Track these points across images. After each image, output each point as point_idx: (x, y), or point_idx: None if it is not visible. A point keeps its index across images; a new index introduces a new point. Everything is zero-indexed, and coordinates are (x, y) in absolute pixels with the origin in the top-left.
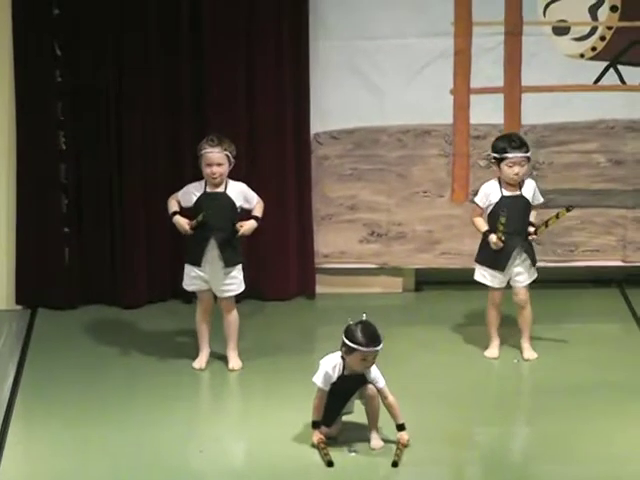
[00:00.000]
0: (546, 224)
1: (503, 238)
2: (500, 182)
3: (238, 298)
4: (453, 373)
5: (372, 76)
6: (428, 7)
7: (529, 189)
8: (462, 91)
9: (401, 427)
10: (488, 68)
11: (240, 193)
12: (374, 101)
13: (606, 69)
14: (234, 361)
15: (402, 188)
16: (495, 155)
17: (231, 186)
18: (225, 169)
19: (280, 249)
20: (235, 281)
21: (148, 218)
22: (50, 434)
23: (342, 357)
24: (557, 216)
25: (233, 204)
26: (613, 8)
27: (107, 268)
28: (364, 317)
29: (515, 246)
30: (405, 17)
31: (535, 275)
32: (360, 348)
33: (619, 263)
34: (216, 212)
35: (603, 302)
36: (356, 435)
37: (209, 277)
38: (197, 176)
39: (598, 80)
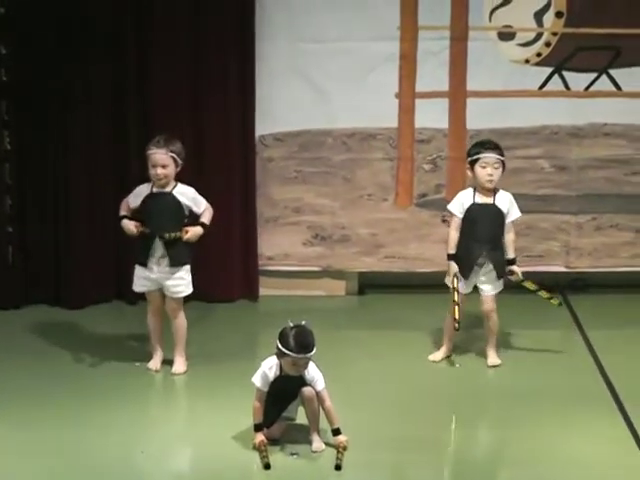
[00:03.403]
0: (532, 286)
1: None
2: (475, 190)
3: (183, 299)
4: (395, 377)
5: (318, 79)
6: (374, 11)
7: (504, 200)
8: (407, 95)
9: (336, 432)
10: (433, 73)
11: (188, 195)
12: (320, 104)
13: (551, 75)
14: (177, 365)
15: (347, 191)
16: (470, 158)
17: (179, 188)
18: (170, 170)
19: (224, 251)
20: (182, 282)
21: (92, 219)
22: None
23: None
24: (547, 299)
25: (179, 204)
26: (558, 14)
27: (51, 268)
28: (303, 322)
29: (481, 254)
30: (351, 21)
31: (501, 287)
32: (290, 353)
33: (562, 269)
34: (161, 212)
35: (546, 308)
36: (299, 437)
37: (157, 277)
38: (143, 176)
39: (543, 86)
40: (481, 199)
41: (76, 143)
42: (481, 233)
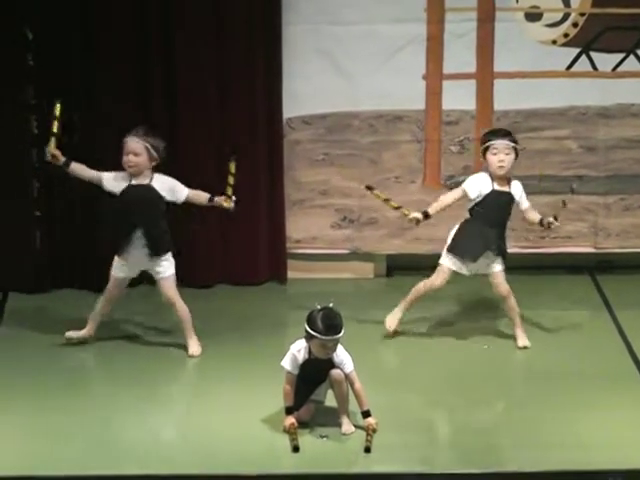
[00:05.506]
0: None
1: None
2: (491, 176)
3: (209, 283)
4: (424, 359)
5: (344, 61)
6: None
7: (517, 189)
8: (434, 77)
9: (366, 414)
10: (460, 54)
11: (166, 185)
12: (346, 86)
13: (578, 55)
14: (193, 347)
15: (374, 173)
16: (482, 146)
17: (156, 178)
18: (142, 160)
19: (252, 234)
20: (164, 263)
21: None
22: (17, 419)
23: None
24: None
25: (159, 196)
26: None
27: (78, 252)
28: (331, 305)
29: (491, 239)
30: (377, 3)
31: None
32: (318, 336)
33: (590, 250)
34: (141, 204)
35: (574, 289)
36: (328, 420)
37: (137, 262)
38: (170, 166)
39: (570, 66)
40: (499, 187)
41: (103, 127)
42: (498, 220)
